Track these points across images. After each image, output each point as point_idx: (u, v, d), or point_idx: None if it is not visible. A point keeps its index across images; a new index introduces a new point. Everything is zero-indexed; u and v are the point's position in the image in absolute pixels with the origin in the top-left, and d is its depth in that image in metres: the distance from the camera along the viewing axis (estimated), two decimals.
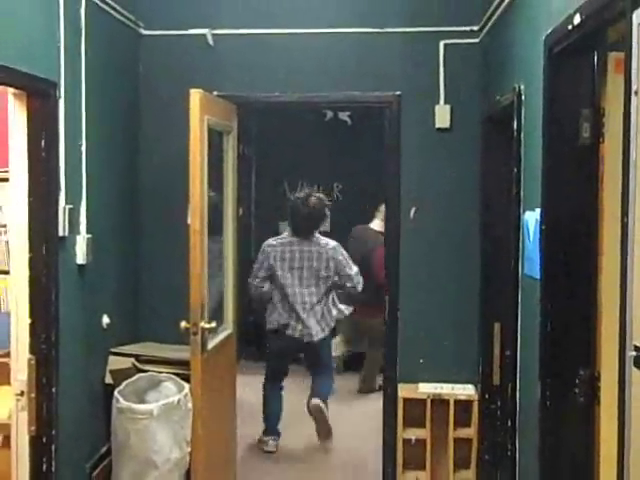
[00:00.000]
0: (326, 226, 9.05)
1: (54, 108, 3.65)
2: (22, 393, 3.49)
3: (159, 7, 5.03)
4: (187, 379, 4.19)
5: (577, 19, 2.51)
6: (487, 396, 4.62)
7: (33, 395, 3.49)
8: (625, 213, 1.92)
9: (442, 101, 4.89)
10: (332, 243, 5.80)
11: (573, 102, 2.82)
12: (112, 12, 4.49)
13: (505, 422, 3.88)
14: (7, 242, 4.23)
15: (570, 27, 2.59)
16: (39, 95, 3.53)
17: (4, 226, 5.27)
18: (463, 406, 4.82)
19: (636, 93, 1.84)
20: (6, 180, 3.70)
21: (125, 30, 4.79)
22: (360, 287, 5.79)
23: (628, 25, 1.91)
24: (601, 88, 2.75)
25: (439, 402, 4.80)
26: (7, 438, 3.75)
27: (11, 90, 3.44)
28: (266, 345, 6.01)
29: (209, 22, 4.97)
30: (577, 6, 2.50)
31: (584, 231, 2.85)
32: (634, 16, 1.86)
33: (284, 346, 5.77)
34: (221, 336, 4.58)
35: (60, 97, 3.72)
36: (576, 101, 2.82)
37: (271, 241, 5.84)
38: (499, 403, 4.34)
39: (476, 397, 4.78)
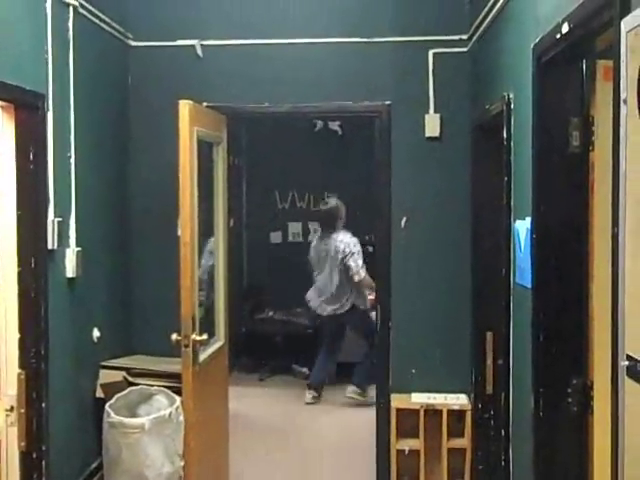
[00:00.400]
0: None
1: (42, 120, 3.64)
2: (12, 408, 3.45)
3: (148, 18, 5.03)
4: (179, 392, 4.16)
5: (565, 28, 2.51)
6: (480, 406, 4.60)
7: (23, 410, 3.45)
8: (615, 223, 1.91)
9: (432, 110, 4.90)
10: (345, 239, 6.84)
11: (562, 110, 2.82)
12: (100, 24, 4.49)
13: (499, 432, 3.86)
14: None
15: (558, 36, 2.59)
16: (27, 107, 3.51)
17: None
18: (456, 416, 4.80)
19: (625, 101, 1.83)
20: None
21: (114, 42, 4.78)
22: (357, 278, 6.73)
23: (616, 33, 1.90)
24: (590, 96, 2.75)
25: (432, 412, 4.78)
26: None
27: None
28: None
29: (198, 33, 4.98)
30: (565, 15, 2.50)
31: (575, 239, 2.84)
32: (622, 24, 1.85)
33: (321, 320, 7.30)
34: (213, 348, 4.55)
35: (48, 109, 3.71)
36: (565, 109, 2.82)
37: (314, 237, 7.47)
38: (492, 412, 4.32)
39: (469, 407, 4.76)
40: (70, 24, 4.00)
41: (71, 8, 4.00)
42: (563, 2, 2.54)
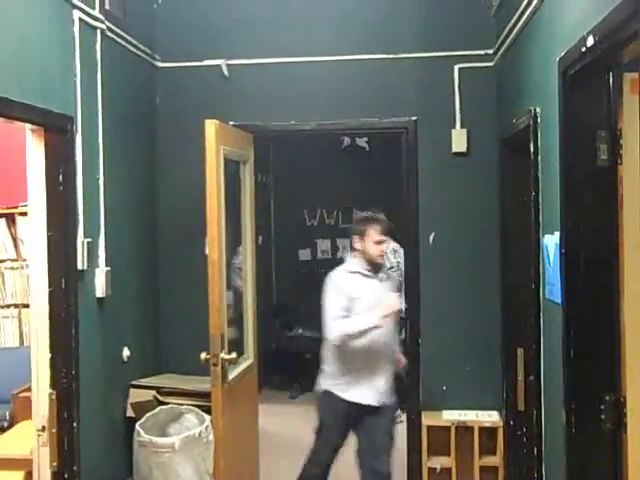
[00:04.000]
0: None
1: (71, 142, 3.68)
2: (43, 428, 3.48)
3: (174, 39, 5.08)
4: (209, 411, 4.16)
5: (590, 41, 2.49)
6: (512, 423, 4.54)
7: (54, 430, 3.48)
8: None
9: (458, 125, 4.89)
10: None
11: (589, 124, 2.79)
12: (128, 46, 4.54)
13: (531, 449, 3.81)
14: (29, 276, 4.25)
15: (584, 49, 2.57)
16: (56, 130, 3.56)
17: (25, 260, 5.30)
18: (488, 433, 4.75)
19: None
20: (26, 214, 3.72)
21: (141, 63, 4.83)
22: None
23: None
24: (617, 109, 2.72)
25: (464, 429, 4.74)
26: (30, 474, 3.73)
27: (28, 126, 3.46)
28: None
29: (224, 53, 5.02)
30: (590, 28, 2.48)
31: (605, 253, 2.80)
32: None
33: None
34: (242, 366, 4.55)
35: (77, 131, 3.75)
36: (592, 123, 2.79)
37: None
38: (525, 429, 4.27)
39: (501, 424, 4.71)
40: (98, 47, 4.05)
41: (98, 31, 4.05)
42: (588, 15, 2.52)
